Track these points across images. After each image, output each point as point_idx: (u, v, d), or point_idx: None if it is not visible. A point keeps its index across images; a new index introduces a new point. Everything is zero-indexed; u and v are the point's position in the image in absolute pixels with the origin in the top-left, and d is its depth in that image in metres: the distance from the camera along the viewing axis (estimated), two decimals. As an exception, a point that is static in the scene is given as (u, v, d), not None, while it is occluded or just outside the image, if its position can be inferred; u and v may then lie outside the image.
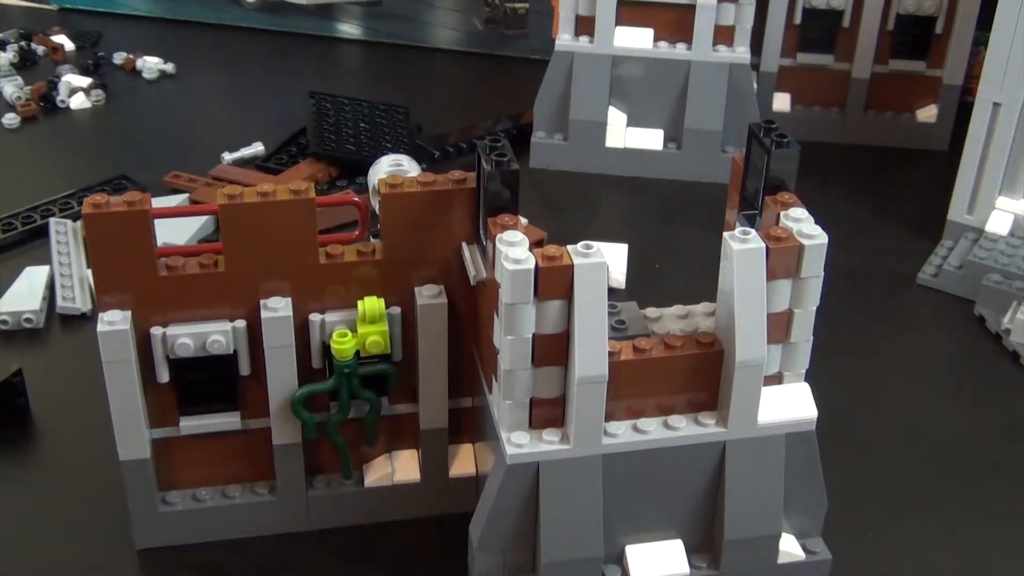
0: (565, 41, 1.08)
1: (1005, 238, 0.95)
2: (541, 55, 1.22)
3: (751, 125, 0.63)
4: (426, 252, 0.65)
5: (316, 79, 1.28)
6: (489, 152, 0.61)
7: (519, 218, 0.60)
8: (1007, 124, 0.94)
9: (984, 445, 0.80)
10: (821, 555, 0.67)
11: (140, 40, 1.37)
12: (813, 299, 0.61)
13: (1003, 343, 0.88)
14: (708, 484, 0.64)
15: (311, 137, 1.10)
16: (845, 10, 1.13)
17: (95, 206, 0.60)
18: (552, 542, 0.61)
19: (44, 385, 0.80)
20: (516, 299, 0.56)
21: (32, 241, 0.98)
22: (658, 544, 0.65)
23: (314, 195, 0.62)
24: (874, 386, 0.85)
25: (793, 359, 0.63)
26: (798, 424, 0.63)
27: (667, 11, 1.06)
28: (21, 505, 0.72)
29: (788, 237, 0.59)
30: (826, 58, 1.16)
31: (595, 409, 0.59)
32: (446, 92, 1.33)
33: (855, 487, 0.74)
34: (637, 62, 1.08)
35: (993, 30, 0.92)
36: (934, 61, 1.15)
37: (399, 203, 0.63)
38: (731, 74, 1.07)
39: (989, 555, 0.71)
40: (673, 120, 1.10)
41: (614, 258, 0.93)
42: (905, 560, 0.70)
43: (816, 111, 1.18)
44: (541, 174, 1.11)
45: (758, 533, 0.64)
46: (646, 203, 1.08)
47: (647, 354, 0.60)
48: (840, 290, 0.69)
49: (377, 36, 1.40)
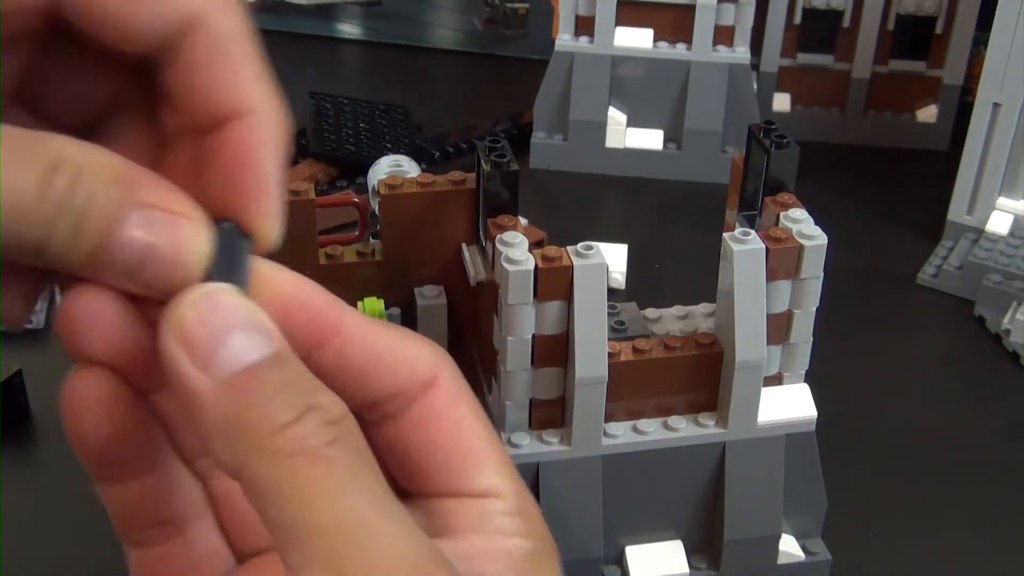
0: (565, 41, 1.08)
1: (1005, 238, 0.95)
2: (541, 55, 1.22)
3: (751, 125, 0.63)
4: (426, 253, 0.65)
5: (316, 79, 1.28)
6: (489, 153, 0.61)
7: (519, 219, 0.60)
8: (1007, 124, 0.94)
9: (984, 445, 0.80)
10: (821, 555, 0.67)
11: (140, 40, 1.37)
12: (813, 300, 0.61)
13: (1003, 343, 0.88)
14: (708, 485, 0.64)
15: (311, 137, 1.10)
16: (845, 10, 1.13)
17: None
18: (552, 542, 0.61)
19: (44, 385, 0.80)
20: (516, 300, 0.56)
21: (32, 241, 0.98)
22: (658, 544, 0.65)
23: (314, 195, 0.62)
24: (874, 386, 0.85)
25: (793, 360, 0.63)
26: (798, 424, 0.63)
27: (667, 11, 1.06)
28: (21, 505, 0.72)
29: (788, 238, 0.59)
30: (826, 58, 1.16)
31: (595, 410, 0.59)
32: (446, 92, 1.33)
33: (855, 487, 0.74)
34: (637, 62, 1.08)
35: (993, 30, 0.92)
36: (934, 61, 1.15)
37: (399, 204, 0.63)
38: (731, 74, 1.07)
39: (989, 554, 0.71)
40: (673, 120, 1.10)
41: (614, 258, 0.93)
42: (904, 560, 0.70)
43: (816, 111, 1.18)
44: (541, 174, 1.10)
45: (758, 533, 0.64)
46: (646, 203, 1.08)
47: (647, 355, 0.60)
48: (840, 290, 0.69)
49: (377, 36, 1.40)
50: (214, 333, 0.33)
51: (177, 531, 0.38)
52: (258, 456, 0.32)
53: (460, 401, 0.38)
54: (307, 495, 0.31)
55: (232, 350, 0.32)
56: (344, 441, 0.32)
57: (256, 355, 0.33)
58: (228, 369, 0.32)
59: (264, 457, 0.32)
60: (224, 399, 0.32)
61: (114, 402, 0.35)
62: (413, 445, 0.37)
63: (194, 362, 0.32)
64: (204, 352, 0.32)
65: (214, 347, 0.32)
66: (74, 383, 0.35)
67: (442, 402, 0.38)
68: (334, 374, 0.36)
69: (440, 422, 0.38)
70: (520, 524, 0.38)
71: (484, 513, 0.37)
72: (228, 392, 0.32)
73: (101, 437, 0.35)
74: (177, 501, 0.38)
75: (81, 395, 0.35)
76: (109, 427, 0.35)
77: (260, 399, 0.32)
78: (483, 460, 0.38)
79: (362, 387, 0.37)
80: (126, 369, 0.35)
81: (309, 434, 0.32)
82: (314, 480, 0.31)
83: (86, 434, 0.35)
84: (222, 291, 0.34)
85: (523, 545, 0.37)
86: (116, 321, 0.35)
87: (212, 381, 0.32)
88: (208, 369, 0.32)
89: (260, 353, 0.33)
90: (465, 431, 0.38)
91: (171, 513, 0.38)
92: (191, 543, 0.38)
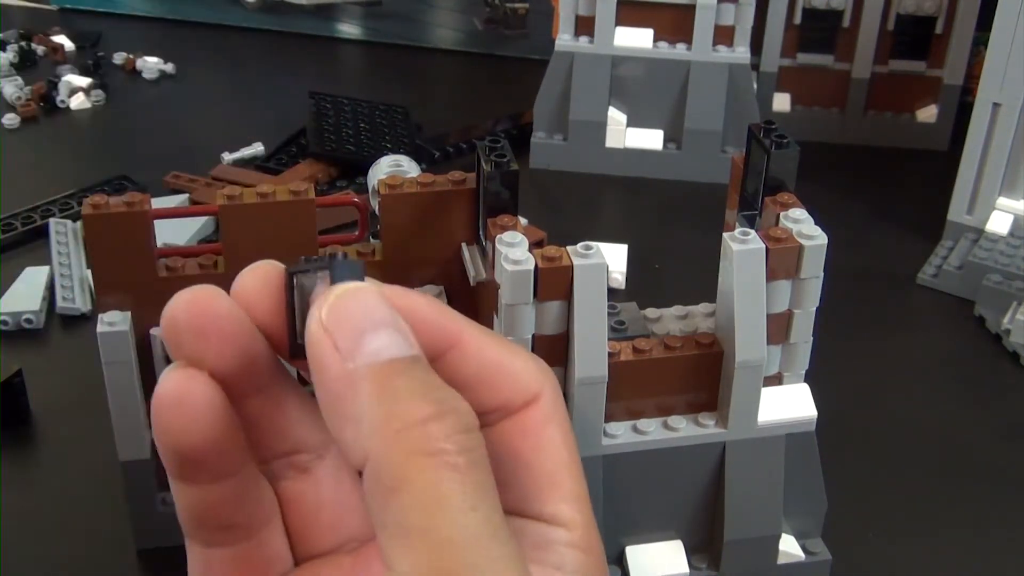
0: (565, 41, 1.08)
1: (1005, 238, 0.95)
2: (541, 55, 1.22)
3: (751, 125, 0.63)
4: (426, 252, 0.65)
5: (316, 79, 1.28)
6: (489, 153, 0.61)
7: (519, 218, 0.60)
8: (1007, 124, 0.94)
9: (984, 445, 0.80)
10: (821, 555, 0.67)
11: (140, 40, 1.37)
12: (813, 299, 0.61)
13: (1003, 343, 0.88)
14: (708, 485, 0.64)
15: (311, 137, 1.10)
16: (845, 10, 1.13)
17: (95, 207, 0.60)
18: (552, 542, 0.61)
19: (44, 385, 0.80)
20: (516, 300, 0.56)
21: (32, 241, 0.98)
22: (658, 544, 0.65)
23: (314, 195, 0.62)
24: (874, 386, 0.85)
25: (793, 359, 0.63)
26: (798, 424, 0.63)
27: (667, 11, 1.07)
28: (21, 505, 0.72)
29: (788, 238, 0.59)
30: (826, 58, 1.16)
31: (595, 410, 0.59)
32: (446, 92, 1.33)
33: (855, 487, 0.74)
34: (637, 62, 1.08)
35: (993, 30, 0.92)
36: (934, 61, 1.15)
37: (399, 204, 0.63)
38: (731, 74, 1.07)
39: (989, 554, 0.71)
40: (673, 120, 1.10)
41: (614, 258, 0.93)
42: (904, 560, 0.70)
43: (816, 111, 1.18)
44: (541, 174, 1.10)
45: (758, 533, 0.64)
46: (646, 203, 1.08)
47: (647, 355, 0.60)
48: (840, 290, 0.69)
49: (377, 36, 1.40)
50: (360, 325, 0.33)
51: (246, 535, 0.38)
52: (390, 446, 0.32)
53: (552, 423, 0.38)
54: (432, 500, 0.31)
55: (376, 344, 0.33)
56: (475, 454, 0.32)
57: (397, 352, 0.33)
58: (373, 360, 0.33)
59: (397, 448, 0.32)
60: (362, 387, 0.32)
61: (212, 406, 0.35)
62: (497, 457, 0.37)
63: (340, 351, 0.33)
64: (350, 342, 0.33)
65: (359, 338, 0.33)
66: (172, 383, 0.35)
67: (535, 420, 0.38)
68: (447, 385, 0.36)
69: (526, 439, 0.37)
70: (581, 560, 0.37)
71: (547, 541, 0.37)
72: (367, 380, 0.32)
73: (194, 439, 0.35)
74: (252, 507, 0.38)
75: (179, 396, 0.35)
76: (205, 430, 0.35)
77: (397, 392, 0.32)
78: (558, 485, 0.37)
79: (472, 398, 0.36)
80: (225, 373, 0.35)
81: (446, 436, 0.32)
82: (441, 488, 0.31)
83: (179, 435, 0.35)
84: (368, 290, 0.34)
85: None
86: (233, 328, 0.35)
87: (353, 368, 0.32)
88: (351, 358, 0.33)
89: (401, 351, 0.33)
90: (548, 453, 0.38)
91: (245, 518, 0.38)
92: (258, 547, 0.38)
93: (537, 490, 0.37)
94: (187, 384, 0.35)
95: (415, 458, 0.31)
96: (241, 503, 0.37)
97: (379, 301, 0.34)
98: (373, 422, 0.32)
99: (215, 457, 0.36)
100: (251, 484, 0.37)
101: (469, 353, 0.37)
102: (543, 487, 0.37)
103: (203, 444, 0.35)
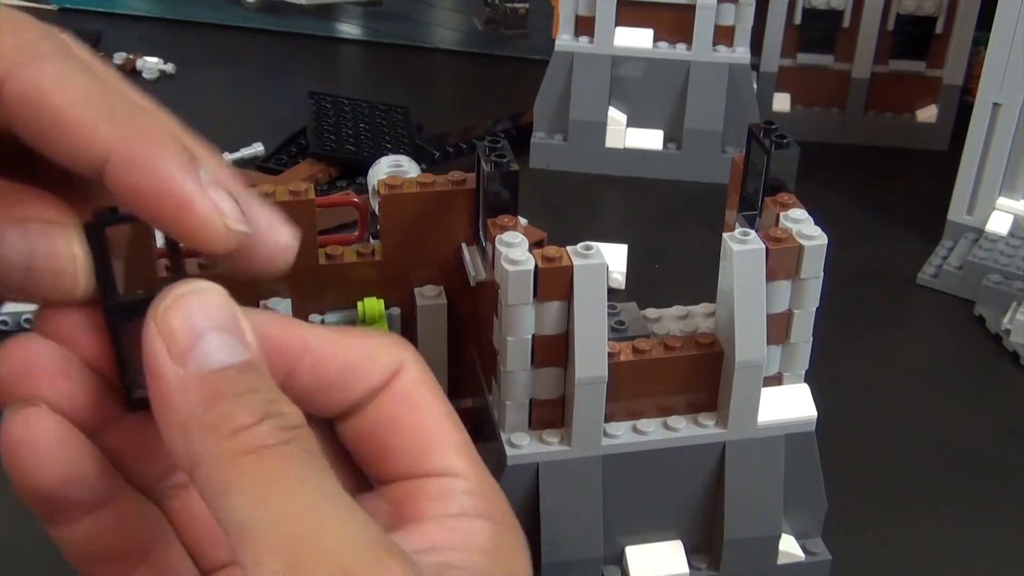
0: (565, 41, 1.08)
1: (1005, 238, 0.95)
2: (541, 55, 1.22)
3: (751, 126, 0.63)
4: (426, 253, 0.65)
5: (316, 79, 1.28)
6: (489, 153, 0.61)
7: (519, 219, 0.60)
8: (1007, 124, 0.94)
9: (984, 445, 0.80)
10: (821, 555, 0.67)
11: (140, 40, 1.37)
12: (813, 300, 0.61)
13: (1003, 343, 0.88)
14: (708, 485, 0.64)
15: (311, 137, 1.10)
16: (845, 10, 1.13)
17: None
18: (552, 543, 0.61)
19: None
20: (516, 300, 0.56)
21: (32, 241, 0.97)
22: (658, 544, 0.65)
23: (314, 196, 0.62)
24: (874, 386, 0.85)
25: (793, 360, 0.63)
26: (798, 425, 0.63)
27: (667, 11, 1.06)
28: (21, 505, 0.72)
29: (788, 238, 0.59)
30: (826, 58, 1.16)
31: (595, 410, 0.59)
32: (446, 92, 1.33)
33: (855, 487, 0.74)
34: (637, 62, 1.08)
35: (993, 30, 0.92)
36: (934, 61, 1.15)
37: (399, 204, 0.63)
38: (731, 74, 1.07)
39: (988, 555, 0.71)
40: (673, 120, 1.10)
41: (614, 258, 0.93)
42: (905, 560, 0.70)
43: (816, 111, 1.18)
44: (541, 174, 1.10)
45: (758, 533, 0.64)
46: (646, 203, 1.08)
47: (647, 355, 0.60)
48: (840, 290, 0.69)
49: (377, 36, 1.40)
50: (193, 329, 0.33)
51: (141, 558, 0.38)
52: (213, 454, 0.32)
53: (422, 385, 0.39)
54: (259, 490, 0.32)
55: (207, 349, 0.33)
56: (297, 442, 0.33)
57: (229, 358, 0.33)
58: (201, 366, 0.33)
59: (219, 455, 0.32)
60: (190, 394, 0.33)
61: (63, 441, 0.35)
62: (378, 431, 0.38)
63: (171, 355, 0.33)
64: (182, 346, 0.33)
65: (192, 343, 0.33)
66: (16, 424, 0.35)
67: (404, 387, 0.38)
68: (313, 393, 0.37)
69: (402, 404, 0.38)
70: (482, 503, 0.38)
71: (445, 492, 0.38)
72: (196, 387, 0.33)
73: (52, 478, 0.35)
74: (139, 530, 0.38)
75: (27, 436, 0.35)
76: (61, 467, 0.35)
77: (224, 400, 0.33)
78: (443, 440, 0.39)
79: (342, 394, 0.38)
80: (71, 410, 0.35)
81: (264, 436, 0.32)
82: (266, 475, 0.32)
83: (35, 476, 0.35)
84: (210, 291, 0.34)
85: (486, 528, 0.37)
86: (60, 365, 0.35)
87: (183, 375, 0.33)
88: (183, 363, 0.33)
89: (233, 357, 0.33)
90: (426, 413, 0.39)
91: (132, 543, 0.38)
92: (156, 568, 0.38)
93: (427, 447, 0.38)
94: (32, 422, 0.35)
95: (239, 458, 0.32)
96: (124, 530, 0.37)
97: (220, 302, 0.34)
98: (195, 430, 0.32)
99: (79, 491, 0.36)
100: (130, 509, 0.37)
101: (323, 355, 0.37)
102: (431, 443, 0.38)
103: (63, 480, 0.35)
